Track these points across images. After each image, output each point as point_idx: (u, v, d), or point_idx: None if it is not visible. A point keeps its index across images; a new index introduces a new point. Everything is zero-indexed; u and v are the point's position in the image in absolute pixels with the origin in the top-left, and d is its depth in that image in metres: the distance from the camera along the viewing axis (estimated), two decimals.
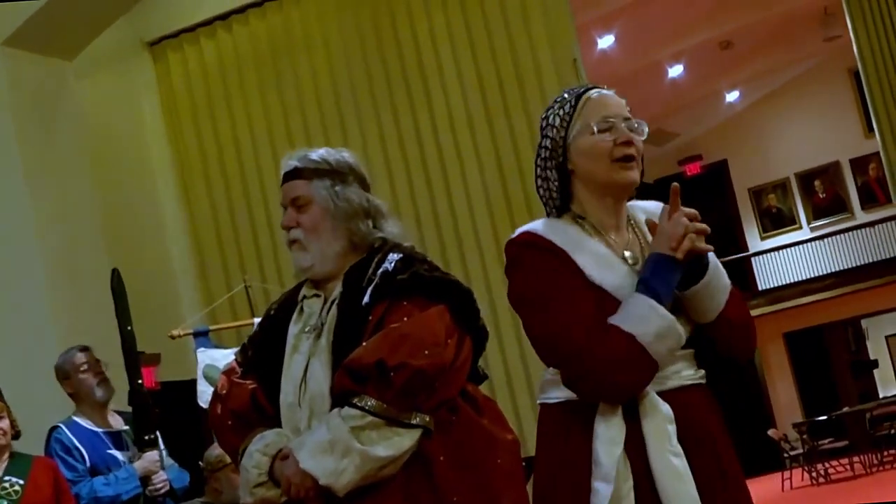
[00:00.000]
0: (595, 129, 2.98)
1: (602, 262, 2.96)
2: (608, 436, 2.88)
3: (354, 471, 3.15)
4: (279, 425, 3.36)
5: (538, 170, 3.13)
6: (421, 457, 3.22)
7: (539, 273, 2.97)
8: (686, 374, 2.96)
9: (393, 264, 3.35)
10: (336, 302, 3.38)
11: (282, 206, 3.53)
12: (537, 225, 3.09)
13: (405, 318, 3.25)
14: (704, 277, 2.90)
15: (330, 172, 3.50)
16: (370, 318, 3.28)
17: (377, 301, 3.30)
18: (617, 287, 2.92)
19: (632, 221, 3.08)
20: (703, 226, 2.90)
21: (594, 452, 2.88)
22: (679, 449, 2.85)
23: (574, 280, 2.92)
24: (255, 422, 3.38)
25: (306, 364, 3.35)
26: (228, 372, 3.53)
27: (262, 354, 3.47)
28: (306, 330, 3.41)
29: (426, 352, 3.20)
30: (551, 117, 3.07)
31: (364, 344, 3.21)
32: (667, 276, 2.88)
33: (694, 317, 2.95)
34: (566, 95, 3.09)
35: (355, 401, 3.18)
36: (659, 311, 2.84)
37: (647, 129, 3.06)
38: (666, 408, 2.88)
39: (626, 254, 2.99)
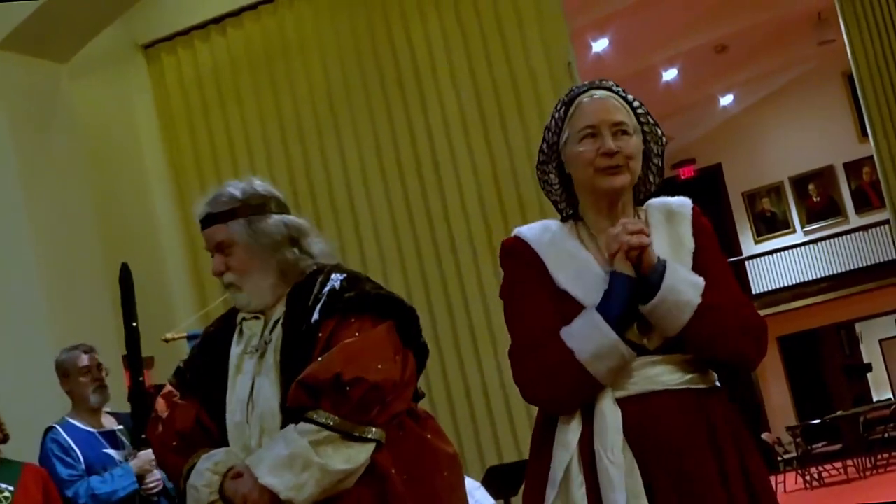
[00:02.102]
0: (579, 137, 2.99)
1: (576, 268, 2.97)
2: (562, 440, 2.91)
3: (315, 485, 3.17)
4: (223, 446, 3.36)
5: (538, 173, 3.15)
6: (373, 471, 3.24)
7: (512, 280, 3.06)
8: (663, 379, 2.91)
9: (339, 283, 3.37)
10: (280, 322, 3.39)
11: (208, 251, 3.50)
12: (531, 228, 3.12)
13: (356, 334, 3.28)
14: (654, 299, 2.85)
15: (243, 209, 3.43)
16: (319, 334, 3.30)
17: (326, 318, 3.32)
18: (584, 295, 2.93)
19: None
20: (636, 240, 2.85)
21: (552, 457, 2.92)
22: (619, 458, 2.82)
23: (541, 289, 2.97)
24: (199, 442, 3.38)
25: (252, 383, 3.36)
26: (166, 395, 3.51)
27: (202, 376, 3.47)
28: (248, 351, 3.42)
29: (379, 366, 3.24)
30: (550, 120, 3.09)
31: (319, 359, 3.24)
32: (618, 293, 2.87)
33: (658, 331, 2.92)
34: (564, 97, 3.09)
35: (311, 416, 3.20)
36: (602, 329, 2.84)
37: (644, 129, 3.05)
38: (614, 415, 2.86)
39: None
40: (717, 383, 3.01)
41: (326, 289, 3.35)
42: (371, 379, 3.19)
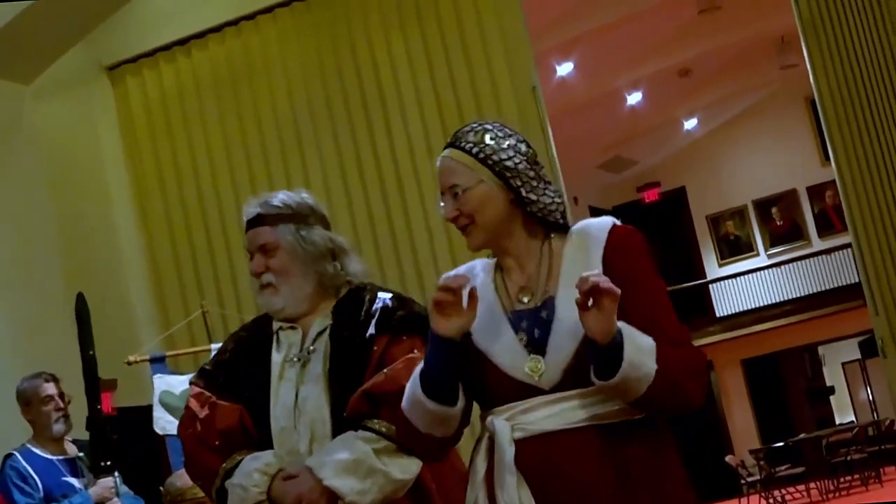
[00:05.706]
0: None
1: (482, 311, 2.83)
2: (472, 476, 2.88)
3: (378, 491, 3.26)
4: (261, 448, 3.40)
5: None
6: (418, 484, 3.34)
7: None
8: (563, 417, 2.75)
9: (389, 301, 3.50)
10: (326, 333, 3.48)
11: (248, 252, 3.58)
12: (457, 272, 2.95)
13: (415, 351, 3.35)
14: (615, 377, 2.63)
15: (292, 216, 3.55)
16: (374, 348, 3.41)
17: (380, 334, 3.43)
18: (481, 338, 2.85)
19: (552, 253, 2.90)
20: (439, 296, 2.74)
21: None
22: (514, 499, 2.72)
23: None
24: (239, 444, 3.43)
25: (295, 391, 3.43)
26: (198, 395, 3.54)
27: (241, 379, 3.52)
28: (289, 359, 3.49)
29: None
30: None
31: (384, 372, 3.33)
32: (428, 350, 2.81)
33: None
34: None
35: (371, 424, 3.30)
36: (412, 385, 2.83)
37: (497, 169, 2.94)
38: (508, 455, 2.75)
39: (516, 291, 2.91)
40: (636, 416, 2.77)
41: (377, 305, 3.49)
42: None
